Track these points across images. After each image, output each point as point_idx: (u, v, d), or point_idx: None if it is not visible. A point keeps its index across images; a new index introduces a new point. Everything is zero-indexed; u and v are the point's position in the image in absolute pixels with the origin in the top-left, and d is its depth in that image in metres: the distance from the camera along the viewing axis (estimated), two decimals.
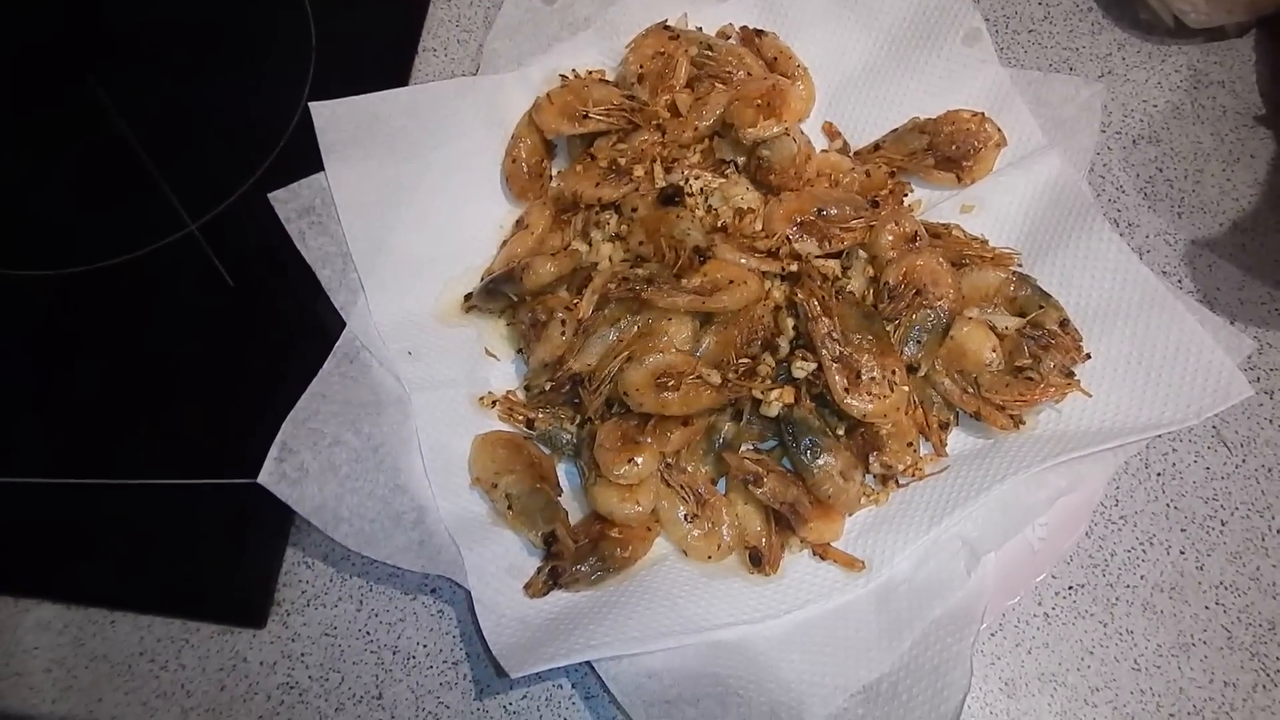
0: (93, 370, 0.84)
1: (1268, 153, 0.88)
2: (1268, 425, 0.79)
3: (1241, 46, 0.93)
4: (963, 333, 0.77)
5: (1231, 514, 0.76)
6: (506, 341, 0.83)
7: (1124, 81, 0.92)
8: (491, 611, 0.71)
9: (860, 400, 0.73)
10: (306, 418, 0.74)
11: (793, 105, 0.83)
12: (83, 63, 0.96)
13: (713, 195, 0.82)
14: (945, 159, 0.85)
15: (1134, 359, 0.75)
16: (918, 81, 0.88)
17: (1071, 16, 0.95)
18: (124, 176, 0.90)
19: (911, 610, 0.70)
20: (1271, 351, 0.81)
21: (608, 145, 0.84)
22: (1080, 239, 0.79)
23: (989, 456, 0.75)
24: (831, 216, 0.80)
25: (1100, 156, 0.89)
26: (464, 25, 0.97)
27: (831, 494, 0.74)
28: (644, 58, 0.87)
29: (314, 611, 0.77)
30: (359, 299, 0.80)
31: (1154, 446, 0.79)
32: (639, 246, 0.80)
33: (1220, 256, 0.84)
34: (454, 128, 0.86)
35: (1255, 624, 0.73)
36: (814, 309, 0.75)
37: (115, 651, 0.76)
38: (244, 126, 0.91)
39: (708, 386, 0.74)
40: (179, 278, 0.86)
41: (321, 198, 0.82)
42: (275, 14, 0.96)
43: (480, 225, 0.86)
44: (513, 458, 0.76)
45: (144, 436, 0.81)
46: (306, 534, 0.78)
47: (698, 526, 0.75)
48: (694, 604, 0.72)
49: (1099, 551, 0.76)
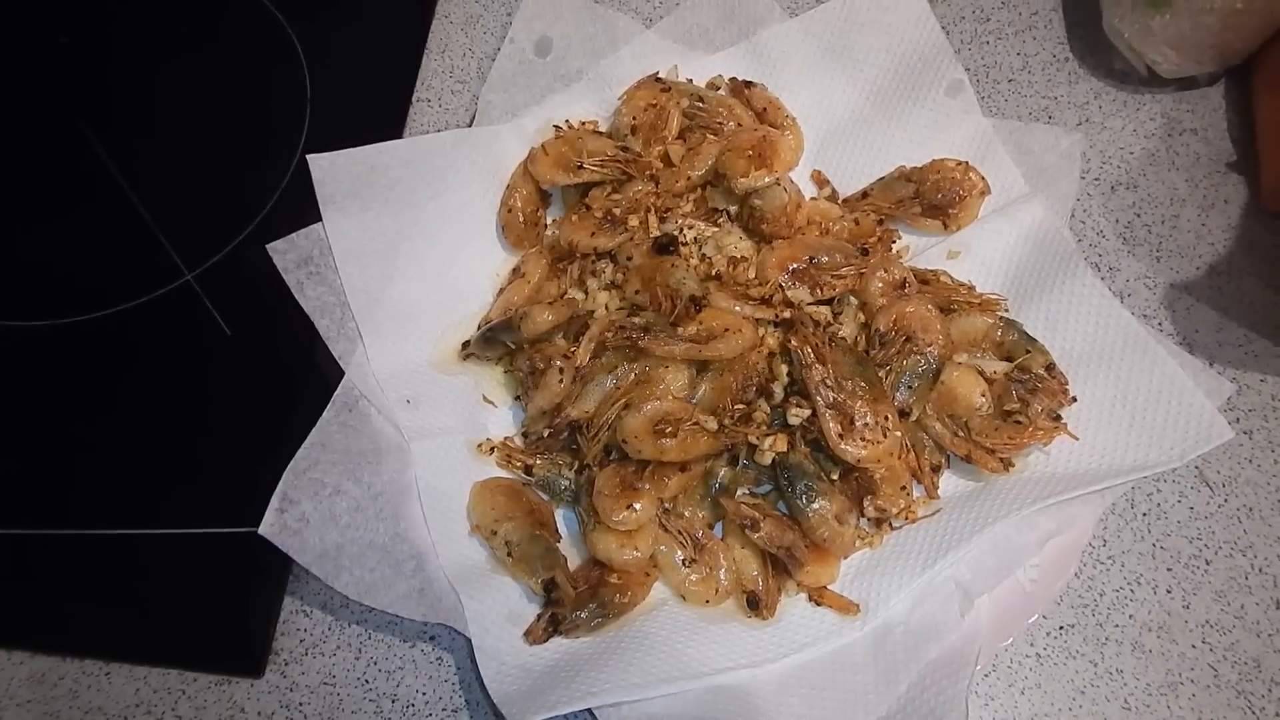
0: (90, 420, 0.84)
1: (1240, 198, 0.91)
2: (1248, 465, 0.81)
3: (1212, 95, 0.96)
4: (953, 377, 0.78)
5: (1216, 553, 0.78)
6: (504, 388, 0.84)
7: (1101, 129, 0.95)
8: (492, 659, 0.71)
9: (854, 446, 0.74)
10: (307, 467, 0.74)
11: (783, 155, 0.85)
12: (79, 114, 0.96)
13: (706, 244, 0.83)
14: (931, 206, 0.87)
15: (1118, 402, 0.77)
16: (903, 131, 0.91)
17: (1049, 67, 0.98)
18: (121, 227, 0.91)
19: (907, 653, 0.71)
20: (1250, 392, 0.83)
21: (602, 195, 0.86)
22: (1064, 284, 0.82)
23: (980, 499, 0.76)
24: (823, 264, 0.82)
25: (1080, 203, 0.92)
26: (458, 76, 0.99)
27: (827, 537, 0.75)
28: (637, 109, 0.89)
29: (312, 660, 0.77)
30: (357, 348, 0.81)
31: (1139, 487, 0.81)
32: (635, 295, 0.81)
33: (1198, 299, 0.87)
34: (450, 178, 0.87)
35: (1240, 662, 0.74)
36: (808, 356, 0.76)
37: (111, 704, 0.76)
38: (240, 177, 0.92)
39: (704, 433, 0.75)
40: (176, 327, 0.87)
41: (319, 248, 0.82)
42: (271, 66, 0.98)
43: (477, 274, 0.87)
44: (511, 504, 0.77)
45: (140, 487, 0.81)
46: (305, 583, 0.78)
47: (696, 571, 0.76)
48: (693, 649, 0.73)
49: (1088, 591, 0.77)
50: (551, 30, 0.95)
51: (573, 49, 0.94)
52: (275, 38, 0.99)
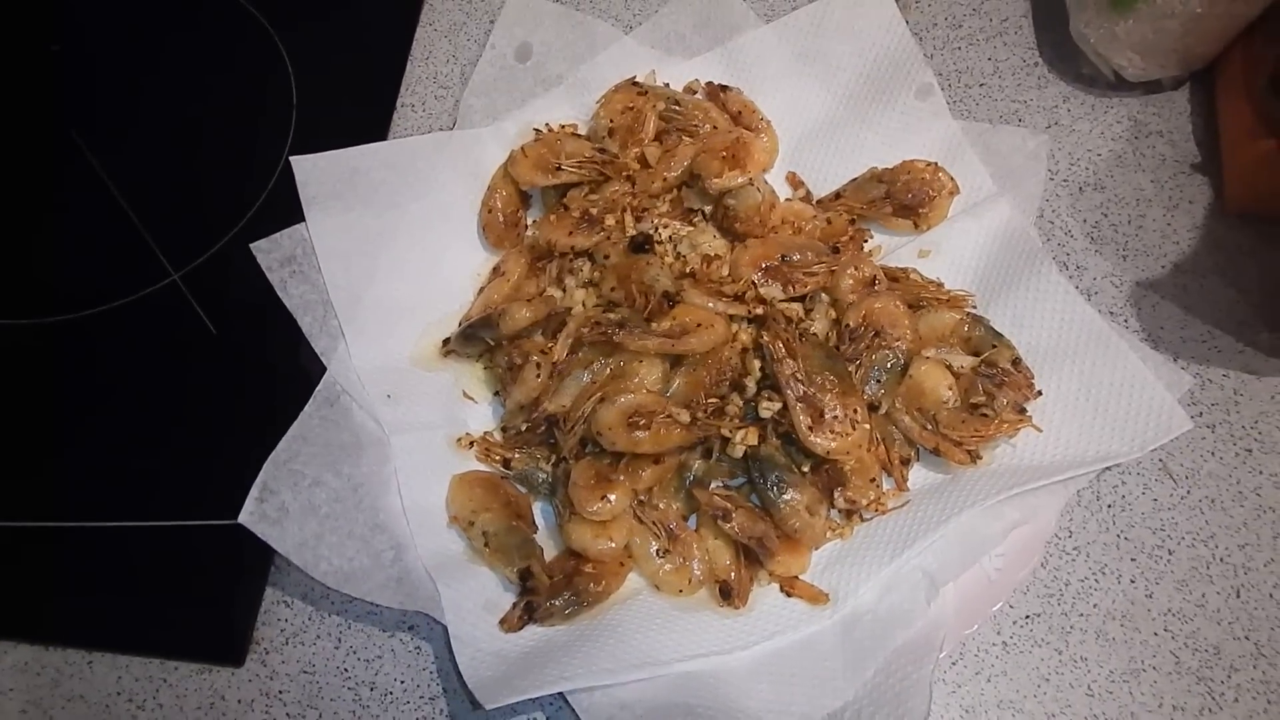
0: (76, 416, 0.86)
1: (1204, 199, 0.93)
2: (1210, 458, 0.82)
3: (1178, 98, 0.98)
4: (920, 371, 0.80)
5: (1178, 543, 0.80)
6: (484, 384, 0.86)
7: (1069, 132, 0.97)
8: (468, 646, 0.73)
9: (824, 438, 0.76)
10: (287, 459, 0.76)
11: (756, 157, 0.87)
12: (69, 119, 0.98)
13: (681, 243, 0.85)
14: (902, 206, 0.89)
15: (1082, 396, 0.79)
16: (875, 133, 0.93)
17: (1019, 71, 1.00)
18: (109, 228, 0.93)
19: (874, 640, 0.73)
20: (1212, 387, 0.85)
21: (580, 196, 0.88)
22: (1030, 282, 0.83)
23: (948, 490, 0.78)
24: (795, 262, 0.84)
25: (1049, 203, 0.93)
26: (441, 82, 1.01)
27: (798, 528, 0.76)
28: (614, 112, 0.91)
29: (292, 650, 0.78)
30: (339, 345, 0.82)
31: (1104, 479, 0.82)
32: (611, 292, 0.83)
33: (1163, 297, 0.89)
34: (432, 180, 0.89)
35: (1201, 649, 0.76)
36: (779, 351, 0.78)
37: (93, 692, 0.77)
38: (227, 180, 0.94)
39: (677, 425, 0.77)
40: (162, 326, 0.89)
41: (303, 248, 0.84)
42: (258, 72, 1.00)
43: (457, 273, 0.89)
44: (489, 496, 0.79)
45: (126, 480, 0.83)
46: (286, 573, 0.80)
47: (669, 561, 0.77)
48: (665, 636, 0.74)
49: (1054, 581, 0.79)
50: (532, 37, 0.97)
51: (552, 55, 0.96)
52: (262, 44, 1.01)
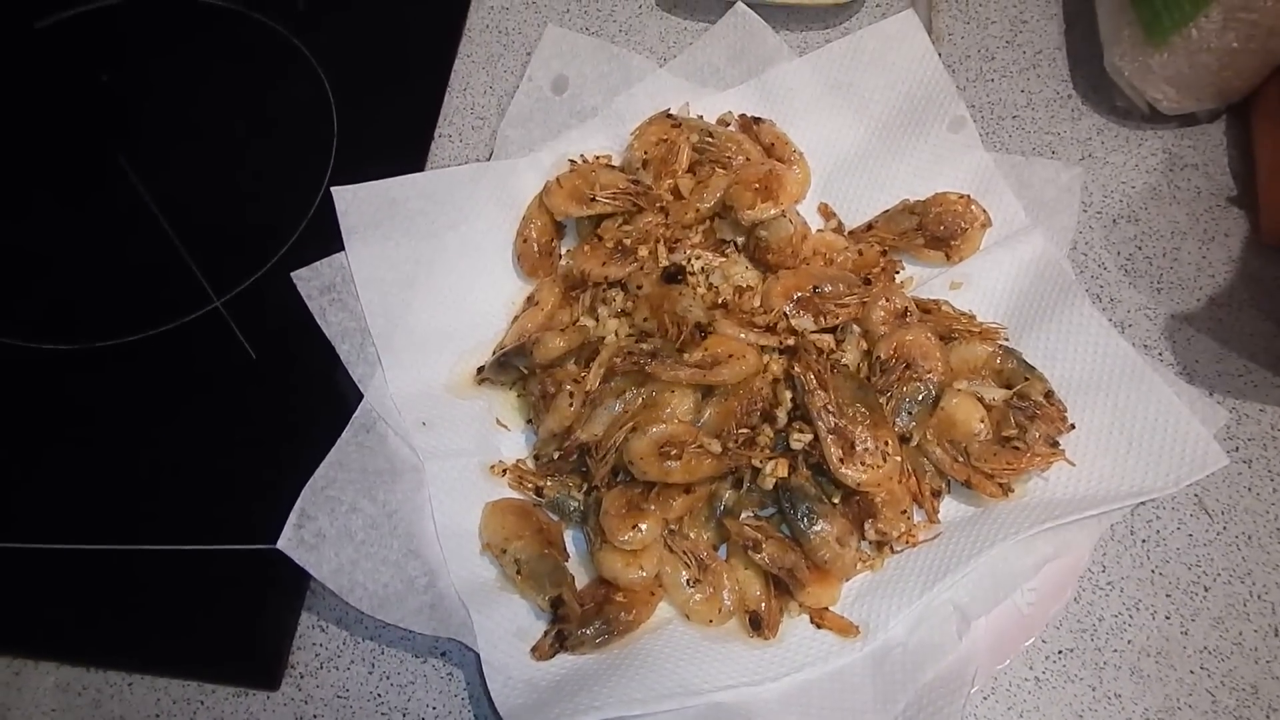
0: (121, 439, 0.88)
1: (1240, 231, 0.93)
2: (1247, 493, 0.82)
3: (1213, 131, 0.98)
4: (952, 404, 0.80)
5: (1214, 580, 0.79)
6: (517, 412, 0.87)
7: (1103, 164, 0.97)
8: (499, 673, 0.73)
9: (855, 470, 0.76)
10: (324, 485, 0.77)
11: (788, 188, 0.88)
12: (118, 148, 1.01)
13: (713, 274, 0.86)
14: (934, 238, 0.89)
15: (1115, 429, 0.79)
16: (907, 165, 0.93)
17: (1052, 104, 1.01)
18: (156, 256, 0.95)
19: (905, 673, 0.72)
20: (1249, 422, 0.84)
21: (614, 226, 0.89)
22: (1063, 314, 0.83)
23: (979, 523, 0.78)
24: (826, 293, 0.84)
25: (1082, 235, 0.93)
26: (478, 113, 1.02)
27: (828, 559, 0.76)
28: (648, 144, 0.92)
29: (327, 674, 0.79)
30: (376, 372, 0.84)
31: (1139, 514, 0.82)
32: (643, 322, 0.84)
33: (1198, 330, 0.88)
34: (468, 209, 0.91)
35: (1238, 688, 0.75)
36: (810, 382, 0.78)
37: (132, 713, 0.78)
38: (269, 209, 0.96)
39: (708, 455, 0.77)
40: (204, 351, 0.91)
41: (342, 276, 0.86)
42: (301, 103, 1.02)
43: (492, 301, 0.90)
44: (522, 524, 0.79)
45: (168, 504, 0.85)
46: (321, 598, 0.81)
47: (699, 591, 0.77)
48: (695, 666, 0.74)
49: (1087, 616, 0.78)
50: (568, 69, 0.98)
51: (588, 87, 0.98)
52: (306, 76, 1.03)
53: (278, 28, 1.06)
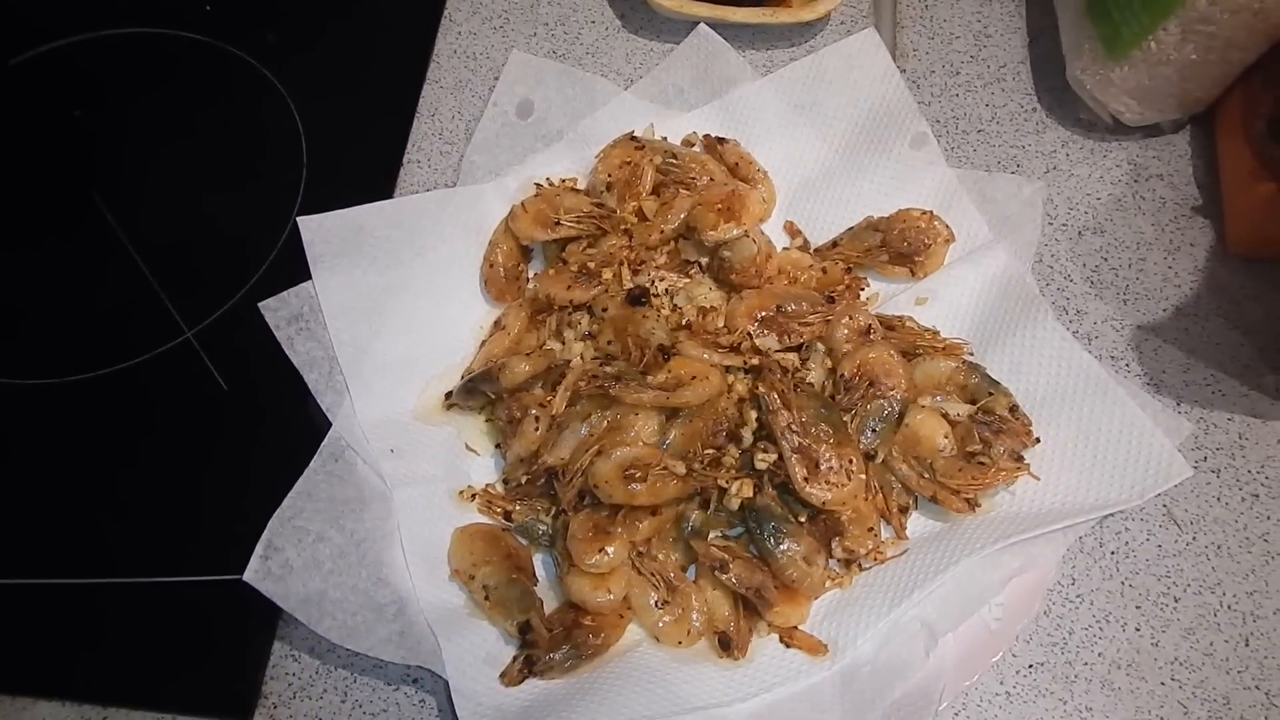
0: (92, 472, 0.88)
1: (1206, 241, 0.93)
2: (1215, 503, 0.82)
3: (1177, 141, 0.98)
4: (916, 420, 0.80)
5: (1184, 590, 0.79)
6: (486, 437, 0.87)
7: (1069, 176, 0.98)
8: (469, 700, 0.73)
9: (819, 489, 0.76)
10: (292, 515, 0.77)
11: (751, 209, 0.88)
12: (90, 183, 1.02)
13: (678, 295, 0.86)
14: (898, 255, 0.89)
15: (1080, 443, 0.79)
16: (870, 183, 0.94)
17: (1017, 117, 1.01)
18: (127, 288, 0.95)
19: (874, 691, 0.73)
20: (1216, 431, 0.84)
21: (579, 250, 0.89)
22: (1026, 328, 0.84)
23: (946, 539, 0.78)
24: (790, 312, 0.85)
25: (1048, 247, 0.94)
26: (446, 138, 1.03)
27: (796, 578, 0.77)
28: (612, 167, 0.92)
29: (300, 704, 0.79)
30: (344, 400, 0.84)
31: (1107, 526, 0.82)
32: (608, 345, 0.84)
33: (1165, 341, 0.89)
34: (435, 236, 0.91)
35: (1210, 699, 0.75)
36: (774, 402, 0.79)
37: None
38: (239, 238, 0.96)
39: (673, 477, 0.78)
40: (176, 382, 0.91)
41: (309, 305, 0.86)
42: (271, 132, 1.03)
43: (460, 327, 0.90)
44: (490, 549, 0.80)
45: (138, 536, 0.85)
46: (294, 627, 0.81)
47: (668, 613, 0.77)
48: (665, 688, 0.74)
49: (1057, 630, 0.78)
50: (533, 93, 0.99)
51: (553, 111, 0.98)
52: (275, 107, 1.04)
53: (247, 58, 1.06)
